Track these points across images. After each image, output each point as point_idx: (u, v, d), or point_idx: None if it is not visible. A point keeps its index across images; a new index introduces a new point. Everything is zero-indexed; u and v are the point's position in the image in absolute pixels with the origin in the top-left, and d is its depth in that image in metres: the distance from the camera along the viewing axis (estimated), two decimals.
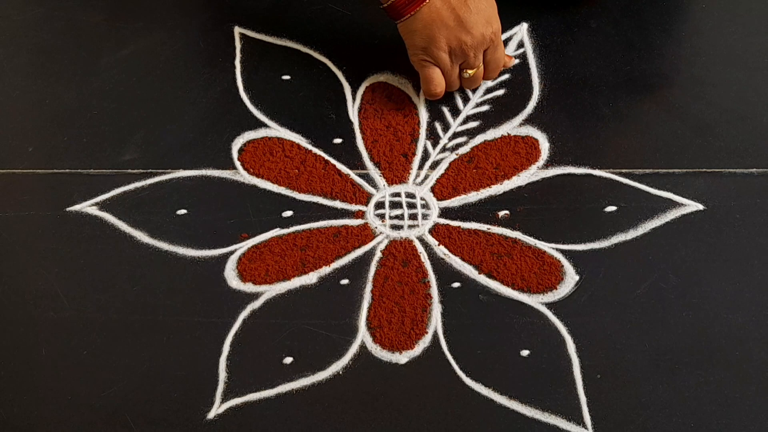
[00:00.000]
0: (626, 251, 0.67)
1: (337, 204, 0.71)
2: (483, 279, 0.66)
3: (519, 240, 0.68)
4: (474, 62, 0.73)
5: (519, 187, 0.72)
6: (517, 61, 0.79)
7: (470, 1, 0.70)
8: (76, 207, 0.71)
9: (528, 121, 0.76)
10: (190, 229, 0.69)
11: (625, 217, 0.69)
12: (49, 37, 0.85)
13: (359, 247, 0.69)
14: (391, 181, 0.73)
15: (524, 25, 0.84)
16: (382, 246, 0.69)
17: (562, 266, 0.66)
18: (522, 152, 0.74)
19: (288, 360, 0.62)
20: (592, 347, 0.62)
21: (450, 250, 0.68)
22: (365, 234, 0.69)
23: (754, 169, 0.72)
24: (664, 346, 0.62)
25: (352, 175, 0.73)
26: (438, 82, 0.74)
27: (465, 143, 0.75)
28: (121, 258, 0.68)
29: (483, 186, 0.72)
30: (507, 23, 0.83)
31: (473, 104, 0.77)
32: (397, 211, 0.71)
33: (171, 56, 0.82)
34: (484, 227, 0.69)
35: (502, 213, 0.70)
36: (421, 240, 0.69)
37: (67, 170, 0.74)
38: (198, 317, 0.64)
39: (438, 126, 0.76)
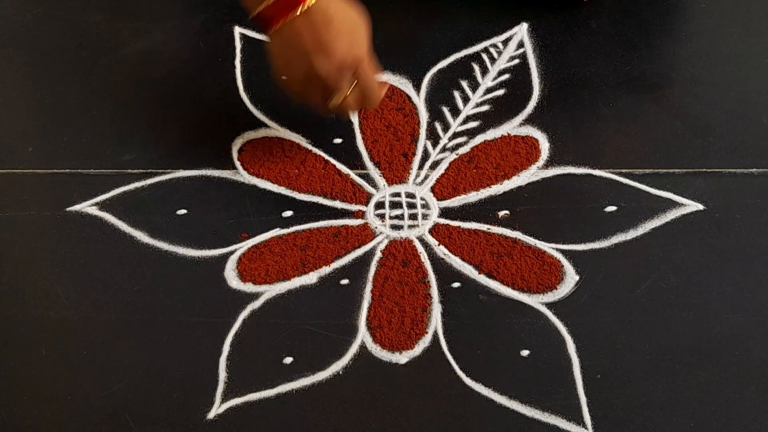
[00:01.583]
0: (626, 251, 0.67)
1: (337, 204, 0.71)
2: (483, 279, 0.66)
3: (519, 240, 0.68)
4: (335, 87, 0.66)
5: (519, 187, 0.72)
6: (386, 87, 0.73)
7: (334, 23, 0.64)
8: (76, 207, 0.71)
9: (528, 121, 0.76)
10: (190, 229, 0.69)
11: (625, 217, 0.69)
12: (49, 37, 0.85)
13: (359, 247, 0.69)
14: (391, 181, 0.73)
15: (524, 25, 0.84)
16: (382, 246, 0.69)
17: (562, 266, 0.66)
18: (522, 152, 0.74)
19: (288, 360, 0.62)
20: (592, 347, 0.62)
21: (450, 250, 0.68)
22: (365, 234, 0.69)
23: (754, 169, 0.72)
24: (664, 346, 0.62)
25: (352, 175, 0.73)
26: (300, 100, 0.69)
27: (465, 143, 0.75)
28: (121, 258, 0.68)
29: (483, 186, 0.72)
30: (507, 23, 0.84)
31: (473, 104, 0.78)
32: (397, 211, 0.71)
33: (171, 56, 0.82)
34: (484, 227, 0.69)
35: (502, 213, 0.70)
36: (421, 240, 0.69)
37: (67, 170, 0.74)
38: (198, 317, 0.64)
39: (438, 126, 0.76)
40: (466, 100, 0.78)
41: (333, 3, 0.64)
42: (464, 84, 0.79)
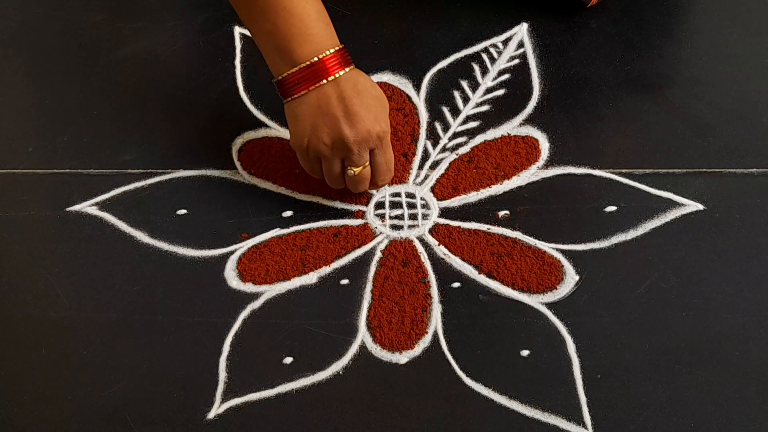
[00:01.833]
0: (626, 251, 0.67)
1: (337, 204, 0.71)
2: (483, 279, 0.66)
3: (519, 240, 0.68)
4: (358, 160, 0.66)
5: (519, 187, 0.72)
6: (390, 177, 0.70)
7: (362, 96, 0.65)
8: (76, 207, 0.71)
9: (528, 121, 0.76)
10: (190, 229, 0.69)
11: (625, 217, 0.69)
12: (49, 37, 0.85)
13: (359, 247, 0.68)
14: (391, 181, 0.72)
15: (524, 25, 0.84)
16: (382, 246, 0.69)
17: (562, 266, 0.66)
18: (522, 152, 0.74)
19: (288, 360, 0.62)
20: (592, 347, 0.62)
21: (450, 250, 0.68)
22: (365, 234, 0.69)
23: (754, 169, 0.72)
24: (664, 346, 0.62)
25: None
26: (316, 172, 0.69)
27: (465, 143, 0.75)
28: (121, 258, 0.68)
29: (483, 186, 0.72)
30: (507, 23, 0.84)
31: (473, 104, 0.78)
32: (397, 211, 0.71)
33: (171, 56, 0.82)
34: (484, 227, 0.69)
35: (502, 213, 0.70)
36: (421, 240, 0.69)
37: (67, 170, 0.74)
38: (198, 317, 0.64)
39: (438, 126, 0.76)
40: (466, 100, 0.78)
41: (362, 76, 0.66)
42: (464, 84, 0.79)
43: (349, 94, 0.64)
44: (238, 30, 0.84)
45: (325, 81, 0.64)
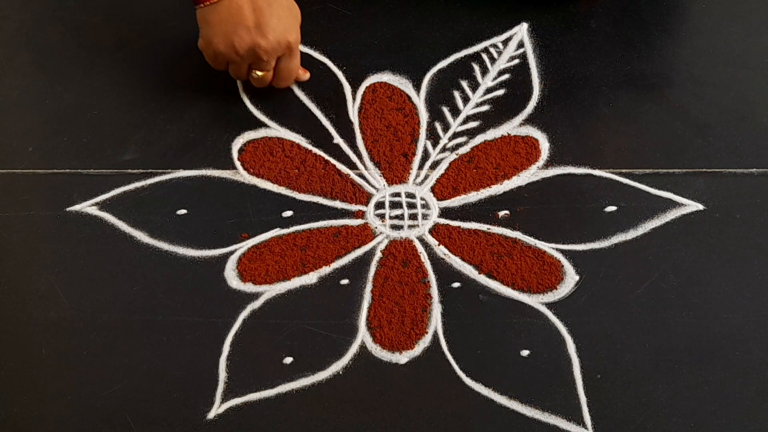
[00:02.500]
0: (626, 251, 0.67)
1: (337, 204, 0.71)
2: (483, 279, 0.66)
3: (519, 240, 0.68)
4: (265, 66, 0.72)
5: (519, 187, 0.72)
6: (308, 75, 0.78)
7: (273, 6, 0.69)
8: (76, 207, 0.71)
9: (528, 121, 0.76)
10: (190, 229, 0.69)
11: (625, 217, 0.69)
12: (49, 37, 0.85)
13: (359, 247, 0.69)
14: (391, 181, 0.73)
15: (524, 25, 0.84)
16: (382, 246, 0.69)
17: (562, 266, 0.66)
18: (522, 152, 0.74)
19: (288, 360, 0.62)
20: (592, 347, 0.62)
21: (450, 250, 0.68)
22: (365, 234, 0.69)
23: (754, 169, 0.72)
24: (664, 346, 0.62)
25: (352, 175, 0.73)
26: (221, 68, 0.74)
27: (465, 143, 0.75)
28: (121, 258, 0.68)
29: (483, 186, 0.72)
30: (507, 23, 0.84)
31: (473, 104, 0.78)
32: (397, 211, 0.71)
33: (171, 56, 0.82)
34: (484, 227, 0.69)
35: (502, 213, 0.70)
36: (421, 240, 0.69)
37: (67, 170, 0.74)
38: (198, 317, 0.64)
39: (438, 126, 0.76)
40: (466, 100, 0.78)
41: None
42: (464, 84, 0.79)
43: (261, 5, 0.68)
44: None
45: None
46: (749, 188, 0.71)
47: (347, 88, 0.79)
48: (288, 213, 0.70)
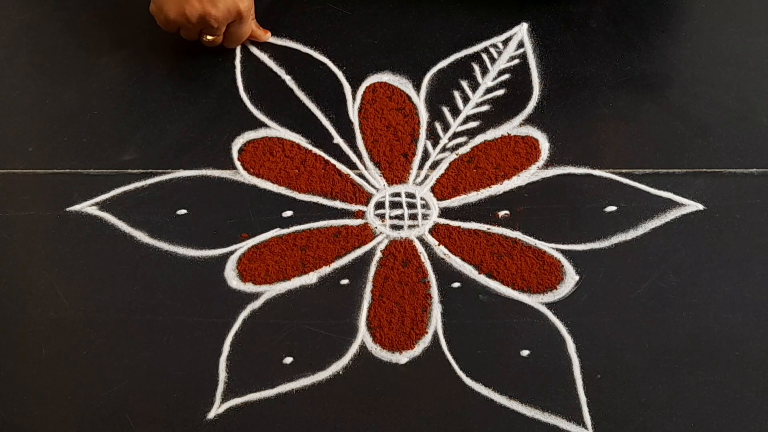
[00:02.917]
0: (626, 251, 0.67)
1: (337, 204, 0.71)
2: (483, 279, 0.66)
3: (519, 240, 0.68)
4: (216, 32, 0.77)
5: (519, 187, 0.72)
6: (269, 35, 0.81)
7: None
8: (76, 207, 0.71)
9: (528, 121, 0.76)
10: (190, 229, 0.69)
11: (625, 217, 0.69)
12: (49, 37, 0.85)
13: (359, 247, 0.69)
14: (391, 181, 0.73)
15: (524, 25, 0.84)
16: (382, 246, 0.69)
17: (562, 266, 0.66)
18: (522, 152, 0.74)
19: (288, 360, 0.62)
20: (592, 347, 0.62)
21: (450, 250, 0.68)
22: (365, 234, 0.69)
23: (754, 169, 0.72)
24: (664, 346, 0.62)
25: (352, 175, 0.73)
26: (170, 31, 0.78)
27: (465, 143, 0.75)
28: (121, 258, 0.68)
29: (483, 186, 0.72)
30: (507, 23, 0.84)
31: (473, 104, 0.78)
32: (397, 211, 0.71)
33: (171, 56, 0.82)
34: (484, 227, 0.69)
35: (502, 213, 0.70)
36: (421, 240, 0.69)
37: (67, 170, 0.74)
38: (198, 317, 0.64)
39: (438, 126, 0.76)
40: (466, 100, 0.78)
41: None
42: (464, 84, 0.79)
43: None
44: None
45: None
46: (749, 188, 0.71)
47: (347, 88, 0.79)
48: (288, 213, 0.70)
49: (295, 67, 0.81)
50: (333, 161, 0.74)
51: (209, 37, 0.77)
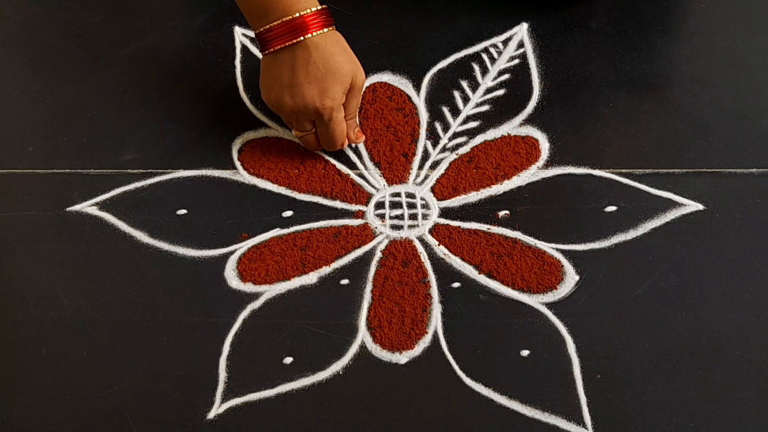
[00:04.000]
0: (626, 251, 0.67)
1: (337, 204, 0.71)
2: (483, 279, 0.66)
3: (519, 240, 0.68)
4: (297, 127, 0.71)
5: (519, 187, 0.72)
6: (363, 138, 0.74)
7: (311, 67, 0.67)
8: (76, 207, 0.71)
9: (528, 121, 0.76)
10: (190, 229, 0.69)
11: (625, 217, 0.69)
12: (49, 37, 0.85)
13: (359, 247, 0.69)
14: (391, 181, 0.73)
15: (524, 25, 0.84)
16: (382, 246, 0.69)
17: (562, 266, 0.66)
18: (522, 152, 0.74)
19: (288, 360, 0.62)
20: (592, 347, 0.62)
21: (450, 250, 0.68)
22: (365, 234, 0.69)
23: (754, 169, 0.72)
24: (664, 346, 0.62)
25: (352, 175, 0.73)
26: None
27: (465, 143, 0.75)
28: (121, 258, 0.68)
29: (483, 186, 0.72)
30: (507, 23, 0.84)
31: (473, 104, 0.78)
32: (397, 211, 0.71)
33: (171, 56, 0.82)
34: (484, 227, 0.69)
35: (502, 213, 0.70)
36: (421, 240, 0.69)
37: (67, 170, 0.74)
38: (198, 317, 0.64)
39: (438, 126, 0.76)
40: (466, 100, 0.78)
41: (321, 45, 0.67)
42: (464, 84, 0.79)
43: (299, 63, 0.67)
44: (238, 30, 0.84)
45: (285, 45, 0.67)
46: (749, 188, 0.71)
47: None
48: (288, 213, 0.70)
49: None
50: (333, 161, 0.74)
51: (294, 132, 0.72)
